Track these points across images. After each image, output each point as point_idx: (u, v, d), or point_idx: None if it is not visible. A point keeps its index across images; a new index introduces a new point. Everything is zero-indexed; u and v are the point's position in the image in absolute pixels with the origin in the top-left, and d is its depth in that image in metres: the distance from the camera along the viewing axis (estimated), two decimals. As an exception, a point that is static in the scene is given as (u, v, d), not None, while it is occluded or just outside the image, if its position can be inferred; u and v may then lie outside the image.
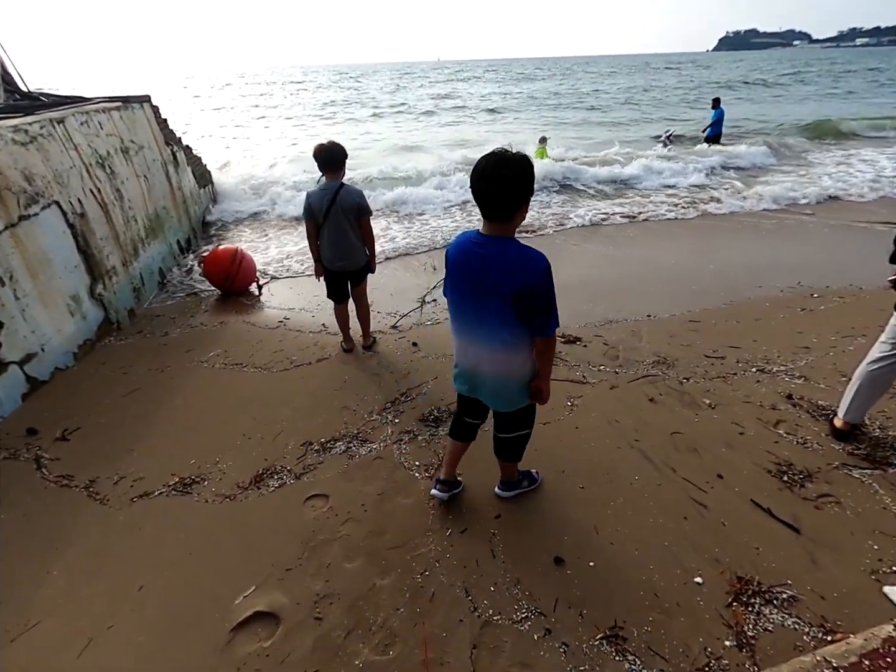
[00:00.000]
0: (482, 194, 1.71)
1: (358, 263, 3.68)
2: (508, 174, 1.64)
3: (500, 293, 1.77)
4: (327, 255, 3.63)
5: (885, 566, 2.07)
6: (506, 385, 2.01)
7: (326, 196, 3.42)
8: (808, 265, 5.52)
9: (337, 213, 3.43)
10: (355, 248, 3.60)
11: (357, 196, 3.49)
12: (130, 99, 5.71)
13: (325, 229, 3.50)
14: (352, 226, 3.51)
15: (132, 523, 2.43)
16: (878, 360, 2.60)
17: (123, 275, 4.69)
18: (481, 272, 1.80)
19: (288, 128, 20.49)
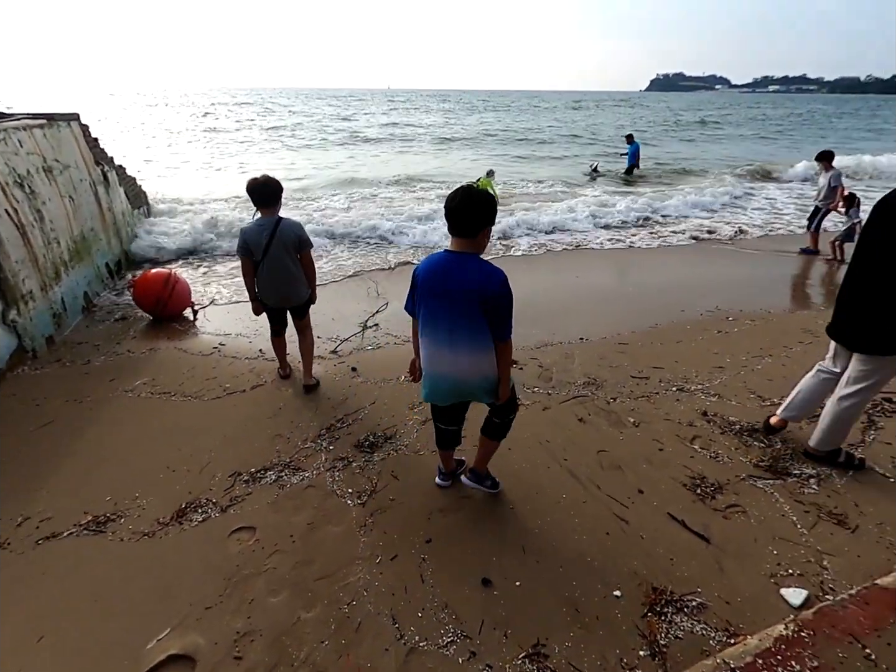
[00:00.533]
0: (454, 212, 2.03)
1: (301, 297, 3.59)
2: (477, 199, 2.02)
3: (468, 301, 2.05)
4: (268, 291, 3.51)
5: (782, 570, 2.24)
6: (478, 386, 2.24)
7: (265, 232, 3.30)
8: (725, 290, 5.98)
9: (278, 249, 3.33)
10: (298, 282, 3.51)
11: (297, 229, 3.41)
12: (56, 117, 5.48)
13: (264, 266, 3.38)
14: (293, 260, 3.42)
15: (36, 568, 2.26)
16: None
17: (42, 300, 4.42)
18: (452, 282, 2.07)
19: (231, 153, 20.11)
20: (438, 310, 2.13)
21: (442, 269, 2.09)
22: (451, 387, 2.26)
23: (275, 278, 3.42)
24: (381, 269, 7.03)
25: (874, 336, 2.49)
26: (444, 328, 2.14)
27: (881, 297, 2.42)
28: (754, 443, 3.10)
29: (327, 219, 9.06)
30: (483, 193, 2.04)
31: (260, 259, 3.34)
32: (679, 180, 14.38)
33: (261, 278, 3.45)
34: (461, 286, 2.05)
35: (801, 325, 4.88)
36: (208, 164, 17.08)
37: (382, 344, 4.62)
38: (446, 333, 2.14)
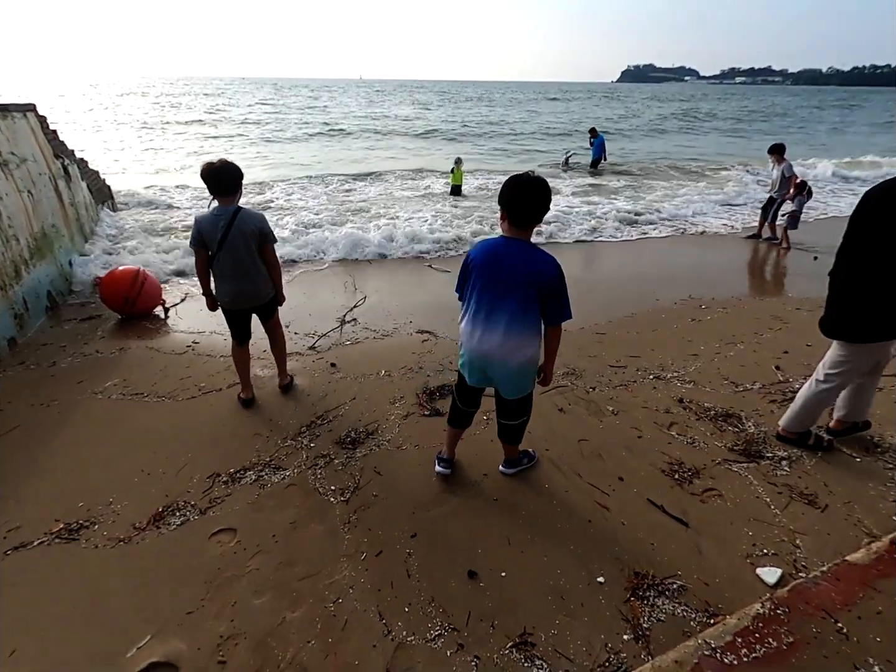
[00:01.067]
0: (518, 205, 2.13)
1: (264, 296, 3.26)
2: (542, 194, 2.10)
3: (526, 286, 2.15)
4: (225, 290, 3.15)
5: (758, 550, 2.31)
6: (521, 371, 2.33)
7: (221, 221, 2.97)
8: (697, 278, 6.12)
9: (235, 241, 3.00)
10: (259, 279, 3.17)
11: (258, 221, 3.08)
12: (10, 107, 5.21)
13: (219, 260, 3.04)
14: (253, 255, 3.08)
15: (4, 580, 2.16)
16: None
17: (1, 300, 4.22)
18: (511, 268, 2.16)
19: (200, 143, 19.56)
20: (494, 293, 2.21)
21: (499, 255, 2.19)
22: (493, 368, 2.33)
23: (232, 274, 3.09)
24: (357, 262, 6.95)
25: (851, 324, 2.56)
26: (497, 311, 2.22)
27: (859, 286, 2.47)
28: (728, 428, 3.18)
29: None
30: (545, 185, 2.11)
31: (215, 251, 3.03)
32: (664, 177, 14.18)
33: (216, 274, 3.14)
34: (520, 272, 2.15)
35: (770, 311, 5.02)
36: (180, 162, 16.58)
37: (361, 339, 4.57)
38: (496, 315, 2.23)
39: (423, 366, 4.01)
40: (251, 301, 3.24)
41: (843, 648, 1.69)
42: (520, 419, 2.56)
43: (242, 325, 3.35)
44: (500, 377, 2.37)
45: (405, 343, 4.47)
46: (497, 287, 2.20)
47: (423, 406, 3.44)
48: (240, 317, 3.31)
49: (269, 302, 3.33)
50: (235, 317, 3.30)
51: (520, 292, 2.17)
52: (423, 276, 6.58)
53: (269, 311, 3.41)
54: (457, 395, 2.65)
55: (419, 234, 7.65)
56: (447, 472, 2.76)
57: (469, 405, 2.64)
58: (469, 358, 2.39)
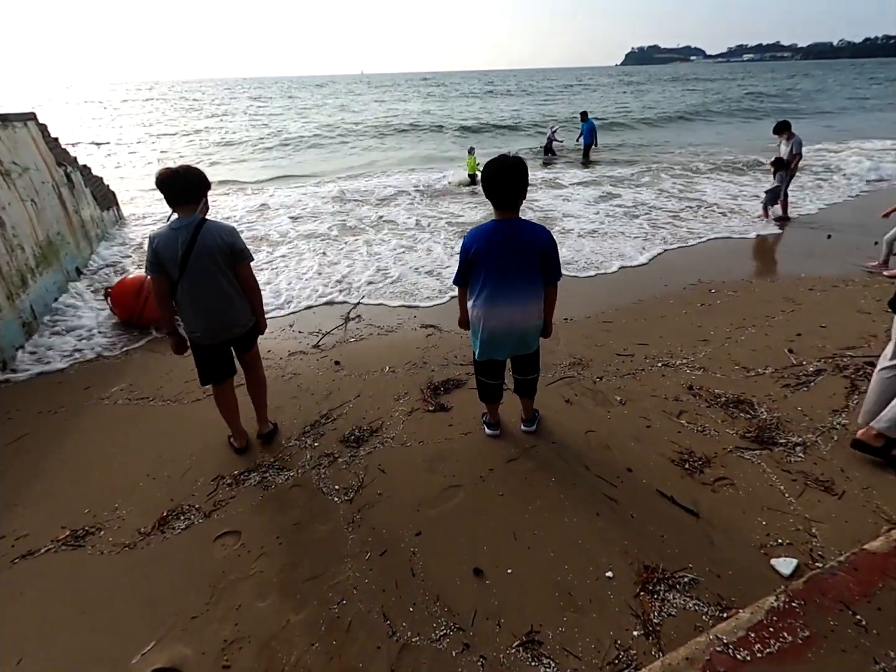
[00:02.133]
0: (498, 193, 2.33)
1: (242, 325, 2.71)
2: (517, 174, 2.29)
3: (530, 256, 2.39)
4: (195, 322, 2.61)
5: (772, 540, 2.24)
6: (532, 331, 2.60)
7: (182, 236, 2.45)
8: (706, 262, 5.98)
9: (201, 260, 2.47)
10: (234, 304, 2.63)
11: (227, 234, 2.54)
12: (10, 117, 5.24)
13: (184, 285, 2.50)
14: (225, 275, 2.56)
15: (11, 588, 2.18)
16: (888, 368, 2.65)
17: (9, 310, 4.26)
18: (513, 243, 2.38)
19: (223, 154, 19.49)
20: (507, 270, 2.40)
21: (500, 235, 2.39)
22: (514, 337, 2.57)
23: (201, 302, 2.55)
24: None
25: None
26: (511, 285, 2.43)
27: None
28: (740, 414, 3.10)
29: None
30: (520, 164, 2.29)
31: (178, 277, 2.49)
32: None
33: (182, 303, 2.56)
34: (525, 245, 2.38)
35: (782, 293, 4.89)
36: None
37: (366, 335, 4.55)
38: (511, 289, 2.43)
39: (428, 361, 3.97)
40: (226, 334, 2.70)
41: (861, 642, 1.63)
42: (537, 371, 2.86)
43: (219, 360, 2.80)
44: (522, 340, 2.60)
45: (409, 338, 4.43)
46: (508, 264, 2.39)
47: (427, 402, 3.40)
48: (214, 352, 2.75)
49: (249, 332, 2.80)
50: (209, 353, 2.74)
51: (528, 263, 2.40)
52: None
53: (247, 343, 2.86)
54: (481, 374, 2.85)
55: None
56: (496, 433, 3.01)
57: (496, 377, 2.83)
58: (491, 336, 2.55)
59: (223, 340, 2.73)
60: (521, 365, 2.80)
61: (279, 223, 8.61)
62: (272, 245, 7.41)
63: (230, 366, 2.87)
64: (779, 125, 7.61)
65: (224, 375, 2.86)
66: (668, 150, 15.73)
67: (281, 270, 6.33)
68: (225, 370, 2.85)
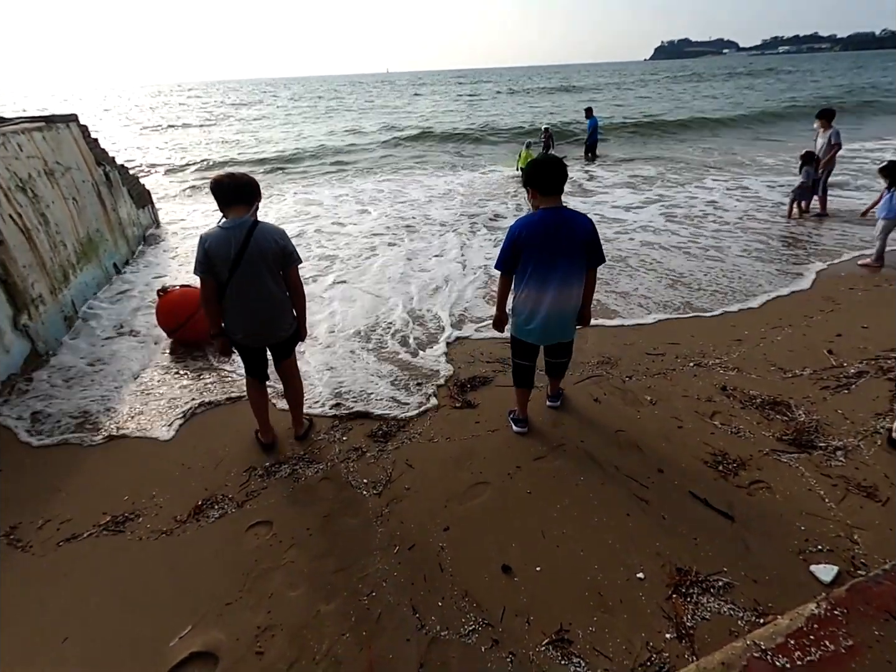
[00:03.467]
0: (549, 178, 2.50)
1: (284, 331, 2.72)
2: (559, 165, 2.51)
3: (578, 241, 2.53)
4: (237, 323, 2.63)
5: (811, 546, 2.17)
6: (572, 316, 2.73)
7: (234, 236, 2.43)
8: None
9: (254, 263, 2.46)
10: (281, 310, 2.66)
11: (280, 237, 2.55)
12: (54, 118, 5.45)
13: (233, 286, 2.50)
14: (275, 279, 2.57)
15: (57, 570, 2.27)
16: None
17: (52, 303, 4.43)
18: (562, 230, 2.50)
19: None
20: (553, 255, 2.52)
21: (549, 223, 2.51)
22: (565, 320, 2.70)
23: (249, 304, 2.57)
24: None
25: None
26: (561, 270, 2.55)
27: None
28: (776, 416, 3.01)
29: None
30: (561, 162, 2.54)
31: (227, 278, 2.48)
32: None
33: (228, 305, 2.57)
34: (573, 232, 2.51)
35: (820, 292, 4.72)
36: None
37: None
38: (562, 274, 2.55)
39: (454, 358, 3.97)
40: (269, 337, 2.73)
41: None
42: (567, 357, 3.00)
43: (259, 360, 2.86)
44: (565, 326, 2.74)
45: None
46: (558, 249, 2.51)
47: (454, 398, 3.40)
48: (255, 353, 2.82)
49: (289, 339, 2.80)
50: (250, 353, 2.81)
51: (577, 249, 2.53)
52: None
53: (286, 350, 2.86)
54: (518, 357, 2.93)
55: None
56: (524, 431, 3.02)
57: (530, 359, 2.92)
58: (542, 321, 2.65)
59: (263, 345, 2.79)
60: (558, 349, 2.91)
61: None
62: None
63: (265, 366, 2.90)
64: (824, 112, 7.09)
65: (262, 373, 2.91)
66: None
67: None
68: (262, 369, 2.89)
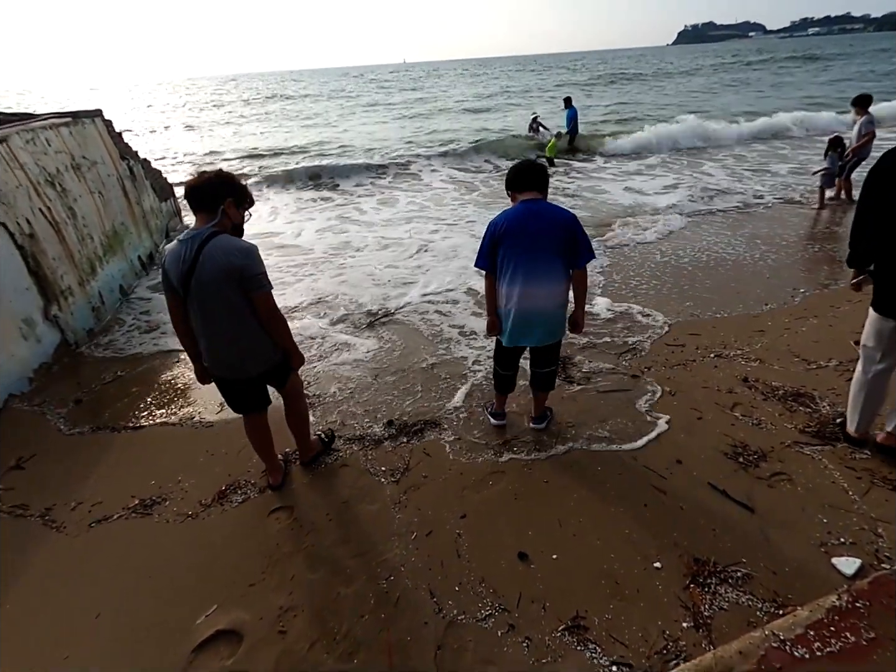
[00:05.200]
0: (526, 174, 2.48)
1: (261, 364, 2.28)
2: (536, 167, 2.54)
3: (558, 233, 2.40)
4: (204, 353, 2.27)
5: (833, 538, 2.14)
6: (557, 317, 2.55)
7: (185, 252, 2.05)
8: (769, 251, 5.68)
9: (202, 284, 2.05)
10: (249, 341, 2.20)
11: (238, 255, 2.05)
12: (80, 114, 5.58)
13: (191, 311, 2.15)
14: (232, 305, 2.10)
15: (90, 550, 2.37)
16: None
17: (80, 294, 4.56)
18: (542, 221, 2.41)
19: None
20: (535, 248, 2.41)
21: (527, 214, 2.42)
22: (545, 320, 2.53)
23: (207, 332, 2.17)
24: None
25: None
26: (538, 263, 2.43)
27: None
28: (799, 408, 2.96)
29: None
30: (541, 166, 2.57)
31: (182, 296, 2.13)
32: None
33: (196, 329, 2.22)
34: (547, 222, 2.41)
35: (848, 281, 4.58)
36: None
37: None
38: (539, 267, 2.43)
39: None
40: (238, 371, 2.28)
41: (934, 647, 1.54)
42: (556, 364, 2.79)
43: (238, 395, 2.41)
44: (546, 326, 2.55)
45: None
46: (537, 242, 2.40)
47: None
48: (231, 387, 2.38)
49: (276, 369, 2.37)
50: (225, 386, 2.38)
51: (557, 242, 2.41)
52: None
53: (279, 379, 2.45)
54: (498, 362, 2.83)
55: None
56: (503, 423, 2.98)
57: (510, 368, 2.83)
58: (521, 318, 2.51)
59: (239, 378, 2.31)
60: (541, 356, 2.70)
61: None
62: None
63: (257, 400, 2.46)
64: (860, 98, 6.82)
65: (248, 409, 2.46)
66: None
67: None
68: (248, 405, 2.44)
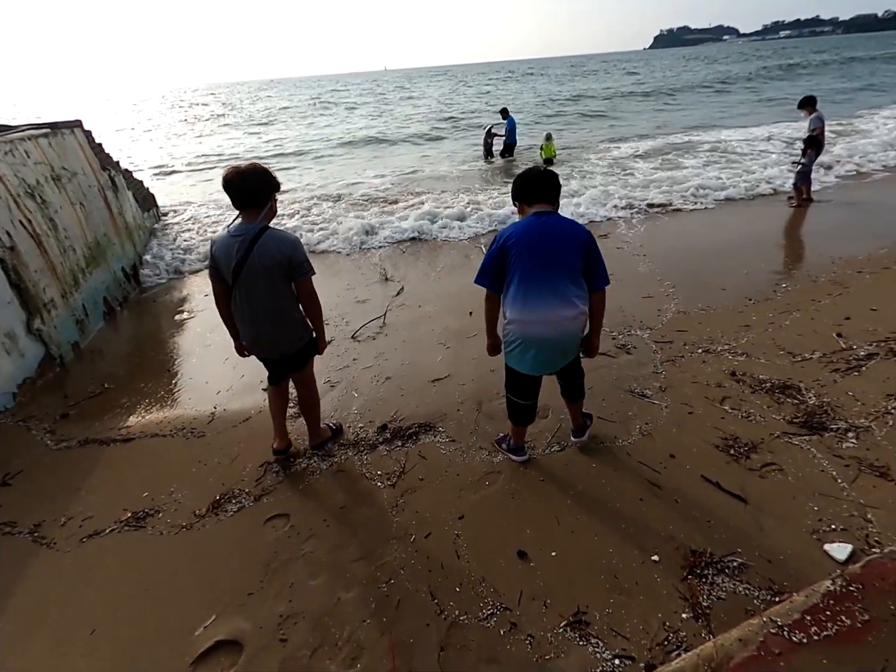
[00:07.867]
0: (537, 184, 2.30)
1: (292, 345, 2.58)
2: (550, 175, 2.32)
3: (575, 248, 2.22)
4: (245, 334, 2.55)
5: (824, 525, 2.19)
6: (574, 339, 2.34)
7: (238, 245, 2.32)
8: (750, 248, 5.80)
9: (254, 273, 2.34)
10: (284, 326, 2.52)
11: (287, 246, 2.37)
12: (59, 125, 5.50)
13: (237, 296, 2.43)
14: (278, 291, 2.42)
15: (82, 565, 2.33)
16: None
17: (63, 307, 4.49)
18: (553, 236, 2.22)
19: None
20: (544, 264, 2.20)
21: (540, 226, 2.23)
22: (560, 347, 2.32)
23: (252, 315, 2.45)
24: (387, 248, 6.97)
25: None
26: (555, 281, 2.21)
27: None
28: (787, 400, 3.02)
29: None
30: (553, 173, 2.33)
31: (231, 284, 2.41)
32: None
33: (236, 313, 2.50)
34: (565, 236, 2.23)
35: (828, 276, 4.70)
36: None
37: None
38: (557, 286, 2.21)
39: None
40: (272, 351, 2.61)
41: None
42: (582, 372, 2.61)
43: (275, 370, 2.77)
44: (565, 347, 2.33)
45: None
46: (553, 258, 2.21)
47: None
48: (268, 363, 2.72)
49: (300, 352, 2.63)
50: (264, 361, 2.72)
51: (573, 258, 2.22)
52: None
53: (297, 364, 2.69)
54: (515, 393, 2.51)
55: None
56: (527, 458, 2.70)
57: (531, 397, 2.51)
58: (543, 345, 2.27)
59: (270, 358, 2.65)
60: (566, 371, 2.50)
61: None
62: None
63: (283, 373, 2.79)
64: (806, 99, 7.04)
65: (281, 379, 2.81)
66: None
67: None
68: (278, 377, 2.80)
